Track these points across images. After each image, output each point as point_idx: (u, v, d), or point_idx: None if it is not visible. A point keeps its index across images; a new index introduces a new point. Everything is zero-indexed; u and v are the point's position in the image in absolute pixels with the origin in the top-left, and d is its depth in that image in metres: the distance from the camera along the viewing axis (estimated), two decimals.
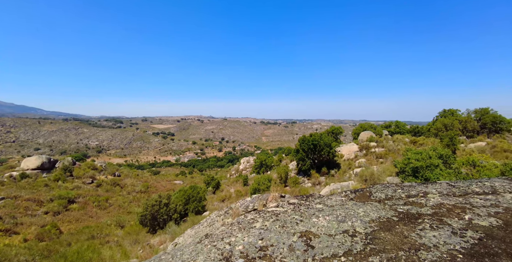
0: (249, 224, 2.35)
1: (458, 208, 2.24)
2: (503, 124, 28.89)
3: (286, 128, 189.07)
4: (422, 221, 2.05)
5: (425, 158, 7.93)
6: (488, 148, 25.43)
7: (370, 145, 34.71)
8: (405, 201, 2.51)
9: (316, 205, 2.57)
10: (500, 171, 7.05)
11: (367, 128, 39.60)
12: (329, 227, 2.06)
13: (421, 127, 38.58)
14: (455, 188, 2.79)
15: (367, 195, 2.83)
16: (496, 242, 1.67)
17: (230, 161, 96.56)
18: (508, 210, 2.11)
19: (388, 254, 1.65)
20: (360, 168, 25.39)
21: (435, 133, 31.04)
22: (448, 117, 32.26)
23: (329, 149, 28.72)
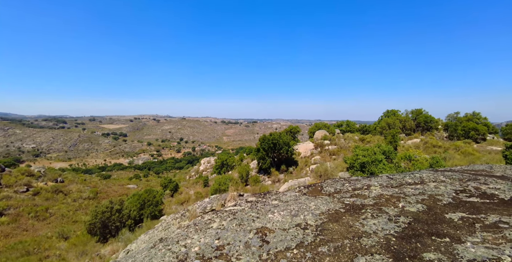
0: (206, 225, 2.32)
1: (394, 198, 2.54)
2: (432, 123, 33.37)
3: (247, 128, 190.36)
4: (365, 211, 2.27)
5: (371, 154, 8.80)
6: (421, 144, 29.10)
7: (324, 143, 36.93)
8: (351, 194, 2.76)
9: (272, 202, 2.66)
10: (429, 163, 8.21)
11: (321, 128, 42.05)
12: (283, 222, 2.16)
13: (368, 126, 42.38)
14: (393, 180, 3.16)
15: (319, 189, 3.03)
16: (421, 225, 1.94)
17: (190, 162, 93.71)
18: (431, 197, 2.47)
19: (335, 243, 1.80)
20: (316, 164, 26.88)
21: (380, 131, 34.43)
22: (390, 117, 36.06)
23: (287, 147, 29.76)
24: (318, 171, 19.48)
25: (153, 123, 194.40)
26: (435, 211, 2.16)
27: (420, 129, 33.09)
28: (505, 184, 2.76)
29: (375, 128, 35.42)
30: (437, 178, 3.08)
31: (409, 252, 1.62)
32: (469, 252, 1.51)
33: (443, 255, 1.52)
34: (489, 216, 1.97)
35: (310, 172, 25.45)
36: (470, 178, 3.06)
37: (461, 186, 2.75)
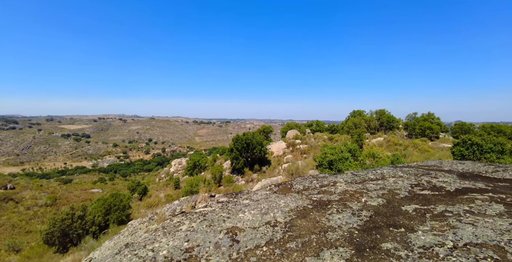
0: (175, 228, 2.27)
1: (358, 193, 2.69)
2: (394, 123, 35.88)
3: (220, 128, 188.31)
4: (331, 207, 2.39)
5: (338, 152, 9.25)
6: (384, 142, 31.12)
7: (296, 142, 37.86)
8: (319, 190, 2.88)
9: (244, 201, 2.68)
10: (391, 160, 8.88)
11: (293, 127, 43.05)
12: (253, 221, 2.18)
13: (336, 125, 44.31)
14: (356, 176, 3.35)
15: (289, 187, 3.12)
16: (381, 217, 2.09)
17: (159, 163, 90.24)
18: (391, 191, 2.67)
19: (303, 239, 1.86)
20: (288, 163, 27.47)
21: (347, 130, 36.20)
22: (357, 117, 38.07)
23: (261, 147, 30.02)
24: (290, 170, 19.95)
25: (120, 124, 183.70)
26: (393, 204, 2.34)
27: (383, 129, 35.45)
28: (451, 177, 3.08)
29: (343, 127, 37.19)
30: (396, 174, 3.33)
31: (369, 243, 1.73)
32: (420, 240, 1.66)
33: (399, 244, 1.66)
34: (437, 206, 2.18)
35: (283, 170, 25.97)
36: (424, 172, 3.36)
37: (416, 180, 3.01)
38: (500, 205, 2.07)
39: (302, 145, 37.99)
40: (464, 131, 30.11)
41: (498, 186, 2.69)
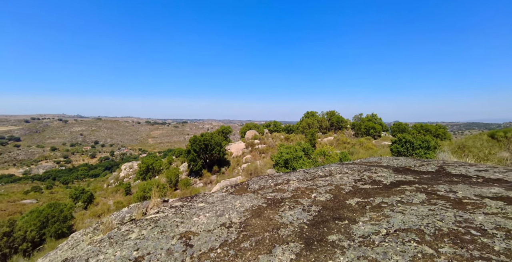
0: (123, 237, 2.12)
1: (308, 190, 2.87)
2: (343, 123, 38.88)
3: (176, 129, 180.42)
4: (284, 204, 2.49)
5: (293, 151, 9.69)
6: (334, 141, 33.51)
7: (254, 142, 38.38)
8: (273, 189, 2.98)
9: (199, 204, 2.63)
10: (339, 158, 9.66)
11: (251, 128, 43.59)
12: (208, 223, 2.16)
13: (292, 126, 46.20)
14: (308, 174, 3.56)
15: (245, 187, 3.16)
16: (328, 211, 2.26)
17: (108, 168, 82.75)
18: (337, 187, 2.90)
19: (257, 237, 1.91)
20: (247, 163, 27.74)
21: (302, 130, 38.07)
22: (310, 118, 40.29)
23: (219, 147, 29.66)
24: (249, 170, 20.17)
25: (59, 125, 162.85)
26: (339, 199, 2.55)
27: (334, 128, 38.25)
28: (388, 172, 3.48)
29: (298, 128, 39.06)
30: (342, 170, 3.63)
31: (317, 236, 1.86)
32: (360, 230, 1.84)
33: (342, 235, 1.81)
34: (376, 198, 2.45)
35: (242, 170, 26.11)
36: (366, 168, 3.73)
37: (359, 175, 3.33)
38: (423, 194, 2.41)
39: (261, 144, 38.75)
40: (401, 130, 34.19)
41: (422, 178, 3.12)
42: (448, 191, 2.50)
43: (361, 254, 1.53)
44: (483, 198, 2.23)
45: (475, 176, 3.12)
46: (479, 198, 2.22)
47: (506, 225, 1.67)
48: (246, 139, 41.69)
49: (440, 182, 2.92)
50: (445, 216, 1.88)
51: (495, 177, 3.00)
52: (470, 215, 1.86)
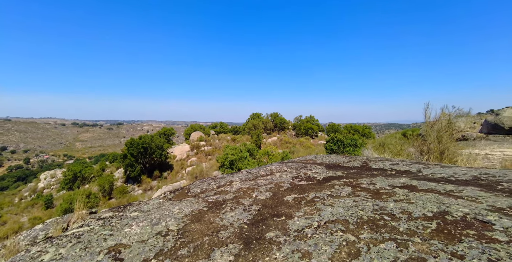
0: (33, 260, 1.79)
1: (250, 189, 2.92)
2: (285, 124, 41.02)
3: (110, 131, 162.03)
4: (225, 206, 2.48)
5: (238, 152, 9.80)
6: (278, 141, 35.06)
7: (200, 144, 37.31)
8: (216, 191, 2.94)
9: (132, 214, 2.41)
10: (281, 157, 10.19)
11: (197, 129, 42.31)
12: (142, 233, 2.00)
13: (239, 127, 46.55)
14: (250, 174, 3.63)
15: (185, 192, 3.03)
16: (267, 209, 2.34)
17: (21, 178, 69.39)
18: (277, 185, 3.03)
19: (195, 243, 1.85)
20: (192, 166, 26.79)
21: (248, 131, 38.76)
22: (255, 119, 41.31)
23: (161, 151, 27.88)
24: (194, 173, 19.51)
25: None
26: (278, 196, 2.67)
27: (277, 129, 40.14)
28: (321, 168, 3.80)
29: (244, 129, 39.69)
30: (282, 169, 3.82)
31: (256, 235, 1.91)
32: (295, 225, 1.96)
33: (279, 231, 1.90)
34: (310, 194, 2.64)
35: (186, 174, 25.08)
36: (303, 166, 4.00)
37: (296, 173, 3.55)
38: (349, 187, 2.71)
39: (207, 146, 37.88)
40: (334, 130, 37.94)
41: (350, 172, 3.51)
42: (369, 183, 2.86)
43: (295, 247, 1.62)
44: (394, 187, 2.63)
45: (390, 169, 3.66)
46: (391, 188, 2.60)
47: (408, 209, 2.00)
48: (191, 141, 40.32)
49: (364, 175, 3.33)
50: (366, 206, 2.14)
51: (404, 169, 3.57)
52: (384, 203, 2.16)
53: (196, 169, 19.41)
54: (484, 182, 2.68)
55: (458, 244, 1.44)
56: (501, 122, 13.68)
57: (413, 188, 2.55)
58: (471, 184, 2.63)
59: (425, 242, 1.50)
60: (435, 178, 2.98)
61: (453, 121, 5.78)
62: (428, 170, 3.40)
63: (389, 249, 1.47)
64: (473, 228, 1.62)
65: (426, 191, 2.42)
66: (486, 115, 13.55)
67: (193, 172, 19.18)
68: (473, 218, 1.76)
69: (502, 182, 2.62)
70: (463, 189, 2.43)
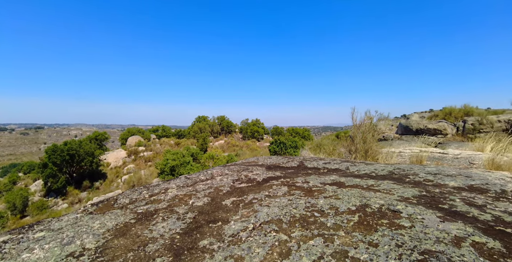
0: None
1: (187, 196, 2.75)
2: (232, 127, 41.14)
3: (25, 136, 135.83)
4: (157, 216, 2.27)
5: (180, 157, 9.32)
6: (225, 144, 34.87)
7: (139, 150, 34.48)
8: (148, 201, 2.68)
9: (36, 234, 1.99)
10: (226, 160, 10.11)
11: (135, 133, 39.02)
12: (47, 258, 1.66)
13: (183, 130, 44.68)
14: (189, 179, 3.45)
15: (111, 203, 2.69)
16: (203, 216, 2.22)
17: None
18: (216, 189, 2.93)
19: (117, 260, 1.62)
20: (129, 174, 24.50)
21: (194, 135, 37.53)
22: (201, 122, 40.30)
23: (92, 158, 24.95)
24: (131, 181, 17.84)
25: None
26: (216, 201, 2.58)
27: (224, 132, 39.95)
28: (262, 169, 3.86)
29: (189, 132, 38.28)
30: (223, 172, 3.74)
31: (189, 244, 1.78)
32: (231, 229, 1.90)
33: (214, 238, 1.81)
34: (249, 196, 2.63)
35: (122, 183, 22.76)
36: (244, 168, 4.00)
37: (237, 176, 3.52)
38: (285, 187, 2.79)
39: (147, 152, 35.23)
40: (278, 132, 39.70)
41: (287, 172, 3.65)
42: (304, 181, 3.01)
43: (229, 253, 1.56)
44: (325, 184, 2.82)
45: (322, 167, 3.94)
46: (322, 185, 2.78)
47: (336, 204, 2.15)
48: (128, 146, 37.11)
49: (299, 174, 3.50)
50: (299, 204, 2.23)
51: (334, 167, 3.89)
52: (315, 200, 2.28)
53: (134, 176, 17.81)
54: (397, 176, 3.09)
55: (374, 233, 1.59)
56: (410, 125, 16.33)
57: (341, 184, 2.78)
58: (387, 178, 3.00)
59: (348, 234, 1.62)
60: (359, 174, 3.32)
61: (376, 124, 6.61)
62: (355, 167, 3.77)
63: (317, 245, 1.53)
64: (386, 217, 1.82)
65: (352, 186, 2.66)
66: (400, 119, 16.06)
67: (130, 180, 17.54)
68: (386, 208, 1.98)
69: (409, 175, 3.06)
70: (381, 183, 2.76)
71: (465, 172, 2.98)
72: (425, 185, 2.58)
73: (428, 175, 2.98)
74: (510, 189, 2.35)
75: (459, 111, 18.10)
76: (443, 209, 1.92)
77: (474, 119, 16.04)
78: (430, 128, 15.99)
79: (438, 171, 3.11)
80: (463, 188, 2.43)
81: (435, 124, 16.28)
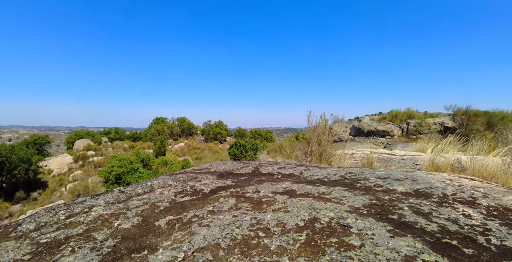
0: None
1: (114, 216, 2.29)
2: (194, 129, 39.77)
3: None
4: (66, 247, 1.79)
5: (127, 164, 8.45)
6: (185, 147, 33.51)
7: (87, 154, 31.50)
8: (60, 225, 2.16)
9: None
10: (182, 165, 9.51)
11: (84, 136, 35.48)
12: None
13: (139, 132, 41.86)
14: (123, 193, 2.95)
15: (8, 231, 2.10)
16: (128, 243, 1.81)
17: None
18: (153, 205, 2.52)
19: None
20: (75, 181, 22.07)
21: (151, 137, 35.34)
22: (160, 124, 38.19)
23: (27, 165, 22.02)
24: (77, 190, 15.99)
25: None
26: (148, 221, 2.17)
27: (185, 135, 38.35)
28: (212, 178, 3.53)
29: (146, 135, 35.89)
30: (166, 183, 3.31)
31: None
32: (157, 260, 1.54)
33: None
34: (189, 212, 2.28)
35: (67, 192, 20.36)
36: (193, 177, 3.62)
37: (182, 187, 3.13)
38: (234, 199, 2.51)
39: (97, 156, 32.56)
40: (241, 134, 39.49)
41: (239, 180, 3.37)
42: (255, 191, 2.76)
43: None
44: (276, 194, 2.60)
45: (277, 173, 3.76)
46: (273, 195, 2.56)
47: (284, 219, 1.92)
48: (75, 151, 33.79)
49: (252, 182, 3.25)
50: (244, 221, 1.95)
51: (288, 172, 3.73)
52: (263, 215, 2.03)
53: (80, 185, 16.00)
54: (348, 181, 3.02)
55: (321, 257, 1.39)
56: (362, 127, 17.44)
57: (293, 193, 2.59)
58: (339, 184, 2.90)
59: (293, 261, 1.39)
60: (312, 180, 3.19)
61: (331, 126, 6.72)
62: (308, 172, 3.65)
63: None
64: (336, 234, 1.64)
65: (303, 195, 2.48)
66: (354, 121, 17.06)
67: (75, 189, 15.71)
68: (336, 222, 1.81)
69: (360, 180, 3.01)
70: (332, 190, 2.63)
71: (411, 175, 3.03)
72: (375, 191, 2.52)
73: (378, 179, 2.96)
74: (450, 192, 2.39)
75: (403, 114, 19.95)
76: (393, 220, 1.82)
77: (415, 122, 17.79)
78: (380, 130, 17.30)
79: (387, 174, 3.13)
80: (410, 193, 2.41)
81: (383, 126, 17.65)
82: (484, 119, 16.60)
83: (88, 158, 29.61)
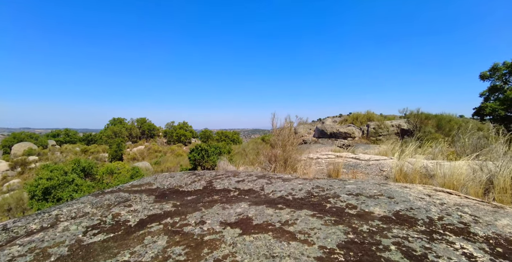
0: None
1: None
2: (155, 131, 37.45)
3: None
4: None
5: (58, 175, 7.09)
6: (145, 150, 31.27)
7: (28, 160, 28.12)
8: None
9: None
10: (130, 174, 8.40)
11: (24, 139, 31.45)
12: None
13: (94, 134, 38.21)
14: (7, 232, 2.06)
15: None
16: None
17: None
18: (42, 253, 1.70)
19: None
20: (10, 192, 19.19)
21: (106, 140, 32.36)
22: (117, 125, 35.23)
23: None
24: (6, 203, 13.61)
25: None
26: None
27: (145, 137, 35.80)
28: (148, 200, 2.76)
29: (101, 137, 32.68)
30: (81, 210, 2.46)
31: None
32: None
33: None
34: None
35: None
36: (123, 199, 2.81)
37: (102, 216, 2.33)
38: (165, 238, 1.81)
39: (41, 162, 29.15)
40: (207, 136, 38.17)
41: (184, 202, 2.67)
42: (198, 222, 2.09)
43: None
44: (226, 226, 1.96)
45: (234, 188, 3.13)
46: (221, 228, 1.92)
47: None
48: (13, 156, 29.93)
49: (200, 205, 2.57)
50: None
51: (248, 187, 3.13)
52: None
53: (11, 198, 13.65)
54: (316, 199, 2.50)
55: None
56: (325, 129, 17.67)
57: (248, 225, 1.97)
58: (305, 205, 2.37)
59: None
60: (274, 199, 2.62)
61: (296, 128, 6.28)
62: (271, 186, 3.08)
63: None
64: None
65: (260, 229, 1.88)
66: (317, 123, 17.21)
67: (5, 202, 13.34)
68: None
69: (329, 197, 2.51)
70: (298, 216, 2.08)
71: (385, 190, 2.62)
72: (350, 216, 2.02)
73: (350, 196, 2.49)
74: (435, 215, 1.99)
75: (363, 117, 20.78)
76: None
77: (375, 124, 18.57)
78: (342, 132, 17.71)
79: (359, 189, 2.68)
80: (391, 218, 1.95)
81: (345, 128, 18.13)
82: (434, 122, 17.93)
83: (29, 164, 26.10)
